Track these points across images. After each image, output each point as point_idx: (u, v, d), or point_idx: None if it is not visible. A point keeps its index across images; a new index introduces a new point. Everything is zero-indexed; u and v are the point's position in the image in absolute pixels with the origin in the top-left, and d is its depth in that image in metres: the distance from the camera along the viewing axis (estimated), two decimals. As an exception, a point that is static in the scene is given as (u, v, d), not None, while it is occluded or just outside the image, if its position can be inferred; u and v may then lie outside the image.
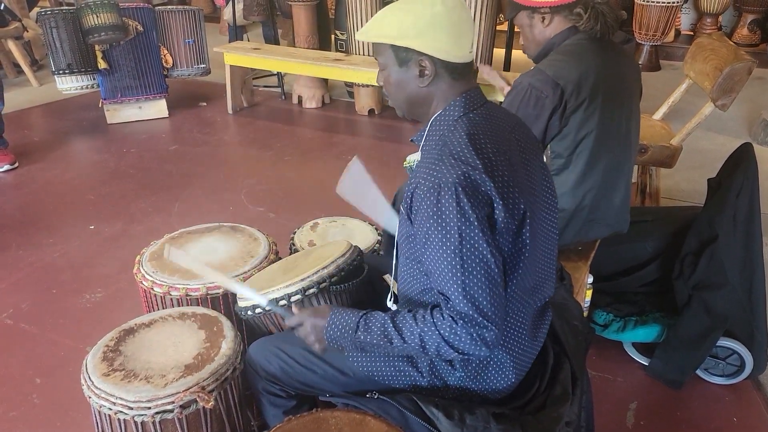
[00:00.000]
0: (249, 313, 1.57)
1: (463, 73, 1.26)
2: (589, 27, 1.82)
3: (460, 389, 1.33)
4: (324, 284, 1.52)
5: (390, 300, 1.45)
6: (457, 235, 1.15)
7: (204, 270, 1.59)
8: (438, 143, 1.24)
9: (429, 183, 1.17)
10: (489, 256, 1.16)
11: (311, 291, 1.51)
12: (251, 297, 1.50)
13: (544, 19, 1.85)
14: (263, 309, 1.52)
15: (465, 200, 1.14)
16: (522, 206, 1.21)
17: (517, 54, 4.34)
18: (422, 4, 1.20)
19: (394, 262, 1.39)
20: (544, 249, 1.32)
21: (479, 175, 1.16)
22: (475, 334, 1.16)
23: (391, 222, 1.43)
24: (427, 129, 1.30)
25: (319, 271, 1.54)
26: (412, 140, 1.37)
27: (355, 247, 1.67)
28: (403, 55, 1.24)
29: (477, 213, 1.15)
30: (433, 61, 1.23)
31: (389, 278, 1.62)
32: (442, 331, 1.18)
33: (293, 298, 1.50)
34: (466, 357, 1.21)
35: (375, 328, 1.26)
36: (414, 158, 2.33)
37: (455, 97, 1.26)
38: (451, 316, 1.18)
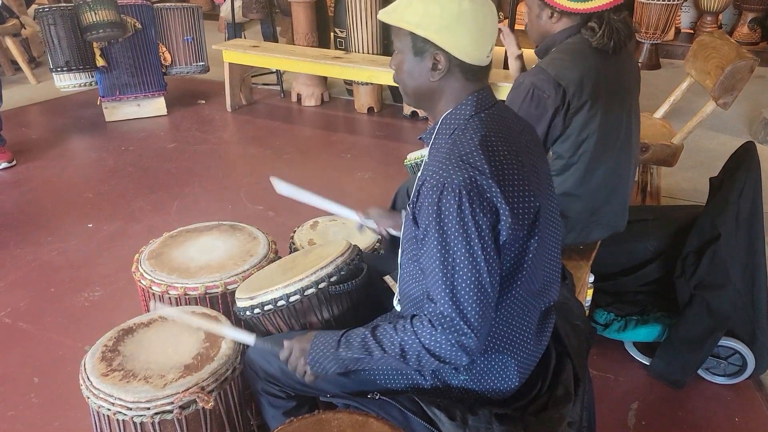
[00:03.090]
0: (248, 313, 1.56)
1: (477, 75, 1.24)
2: (602, 44, 1.78)
3: (462, 391, 1.32)
4: (323, 284, 1.51)
5: (396, 300, 1.44)
6: (452, 238, 1.14)
7: (193, 321, 1.56)
8: (448, 142, 1.22)
9: (434, 181, 1.16)
10: (483, 264, 1.14)
11: (310, 291, 1.50)
12: (244, 339, 1.46)
13: (552, 15, 1.84)
14: (261, 310, 1.52)
15: (467, 204, 1.12)
16: (535, 204, 1.20)
17: (517, 52, 4.33)
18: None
19: (399, 262, 1.38)
20: (550, 251, 1.31)
21: (486, 180, 1.14)
22: (454, 341, 1.15)
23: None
24: (437, 127, 1.27)
25: (317, 270, 1.53)
26: (420, 138, 1.34)
27: (355, 246, 1.66)
28: (421, 45, 1.20)
29: (477, 219, 1.13)
30: (449, 57, 1.20)
31: (389, 279, 1.61)
32: (422, 339, 1.17)
33: (292, 298, 1.49)
34: (446, 365, 1.20)
35: (355, 343, 1.25)
36: (415, 156, 2.31)
37: (466, 96, 1.24)
38: (431, 321, 1.17)
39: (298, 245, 2.03)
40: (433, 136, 1.28)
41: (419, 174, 1.25)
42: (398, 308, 1.43)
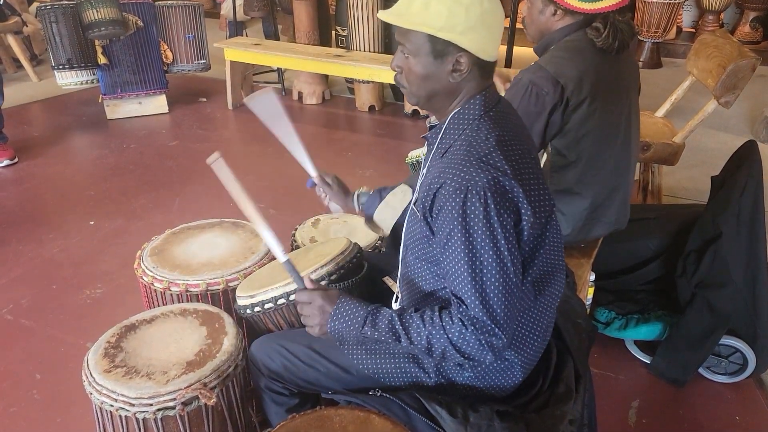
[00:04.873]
0: (248, 311, 1.56)
1: (491, 71, 1.23)
2: (606, 44, 1.78)
3: (466, 388, 1.32)
4: (323, 282, 1.51)
5: (395, 302, 1.43)
6: (480, 240, 1.13)
7: (245, 205, 1.46)
8: (463, 144, 1.20)
9: (456, 184, 1.14)
10: (509, 264, 1.14)
11: (311, 289, 1.50)
12: (278, 254, 1.38)
13: (556, 12, 1.84)
14: (262, 309, 1.51)
15: (492, 206, 1.12)
16: (550, 201, 1.21)
17: (518, 50, 4.33)
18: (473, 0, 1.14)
19: (400, 262, 1.38)
20: (556, 244, 1.31)
21: (508, 180, 1.14)
22: (484, 341, 1.16)
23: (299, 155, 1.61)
24: (444, 127, 1.26)
25: (318, 268, 1.53)
26: (424, 137, 1.33)
27: (355, 244, 1.66)
28: (441, 48, 1.16)
29: (502, 220, 1.13)
30: (472, 58, 1.17)
31: (389, 280, 1.61)
32: (450, 335, 1.17)
33: (292, 296, 1.49)
34: (470, 362, 1.20)
35: (383, 325, 1.23)
36: (416, 154, 2.32)
37: (474, 95, 1.23)
38: (462, 320, 1.17)
39: (300, 243, 2.03)
40: (440, 136, 1.27)
41: (426, 175, 1.24)
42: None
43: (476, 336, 1.15)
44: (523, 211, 1.16)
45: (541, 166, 1.73)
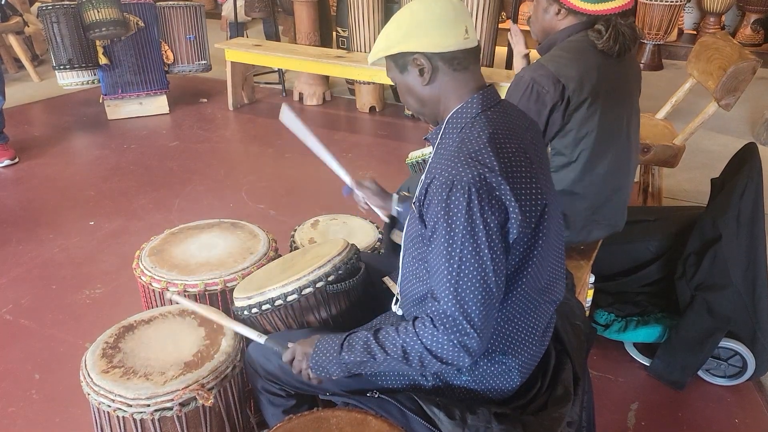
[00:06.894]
0: (246, 313, 1.56)
1: (463, 62, 1.24)
2: (607, 47, 1.79)
3: (464, 391, 1.32)
4: (320, 283, 1.51)
5: (395, 304, 1.43)
6: (460, 236, 1.13)
7: (208, 313, 1.58)
8: (456, 140, 1.22)
9: (443, 179, 1.15)
10: (489, 263, 1.14)
11: (308, 290, 1.50)
12: (254, 337, 1.48)
13: (559, 11, 1.84)
14: (259, 310, 1.52)
15: (476, 202, 1.12)
16: (543, 201, 1.20)
17: (519, 52, 4.33)
18: (402, 10, 1.25)
19: (401, 263, 1.38)
20: (555, 248, 1.30)
21: (495, 177, 1.13)
22: (456, 341, 1.15)
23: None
24: (444, 126, 1.27)
25: (315, 270, 1.52)
26: (426, 138, 1.34)
27: (352, 245, 1.65)
28: (400, 61, 1.26)
29: (485, 217, 1.13)
30: (426, 56, 1.22)
31: (389, 280, 1.61)
32: (423, 340, 1.17)
33: (289, 298, 1.49)
34: (448, 367, 1.20)
35: (358, 346, 1.25)
36: (416, 155, 2.32)
37: (470, 94, 1.24)
38: (432, 320, 1.16)
39: (299, 244, 2.03)
40: (440, 136, 1.28)
41: (425, 172, 1.25)
42: (399, 312, 1.43)
43: (448, 336, 1.15)
44: (510, 209, 1.15)
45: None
